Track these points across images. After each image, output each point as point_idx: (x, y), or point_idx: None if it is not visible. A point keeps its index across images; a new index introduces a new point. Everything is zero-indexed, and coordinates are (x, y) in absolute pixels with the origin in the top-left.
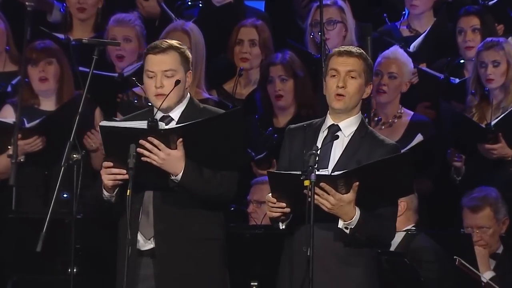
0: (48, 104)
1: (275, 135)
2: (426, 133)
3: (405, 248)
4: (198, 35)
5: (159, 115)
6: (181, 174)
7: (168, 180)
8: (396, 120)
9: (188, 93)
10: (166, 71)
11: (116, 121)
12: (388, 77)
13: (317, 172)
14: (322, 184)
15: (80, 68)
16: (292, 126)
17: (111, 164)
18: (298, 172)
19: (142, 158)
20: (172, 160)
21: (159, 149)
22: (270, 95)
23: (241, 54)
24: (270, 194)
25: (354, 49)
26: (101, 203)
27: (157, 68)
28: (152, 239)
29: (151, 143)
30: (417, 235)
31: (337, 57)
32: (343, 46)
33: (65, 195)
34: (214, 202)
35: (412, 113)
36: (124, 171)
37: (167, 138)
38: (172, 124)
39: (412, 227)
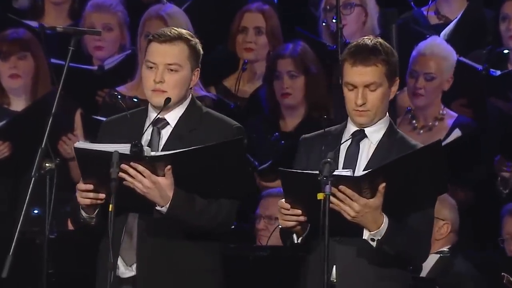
0: (20, 104)
1: (282, 142)
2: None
3: (438, 273)
4: (181, 21)
5: (153, 115)
6: (168, 205)
7: (154, 210)
8: (437, 123)
9: (191, 94)
10: (170, 64)
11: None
12: (425, 80)
13: (336, 172)
14: (342, 187)
15: (52, 61)
16: (307, 135)
17: (90, 187)
18: (316, 172)
19: (124, 182)
20: (158, 189)
21: (144, 176)
22: (276, 92)
23: (244, 44)
24: (283, 199)
25: (370, 47)
26: (78, 224)
27: (160, 59)
28: (133, 265)
29: (135, 169)
30: (453, 258)
31: (351, 67)
32: (356, 45)
33: (36, 211)
34: (207, 233)
35: (456, 115)
36: (103, 195)
37: (154, 164)
38: (168, 130)
39: (447, 248)
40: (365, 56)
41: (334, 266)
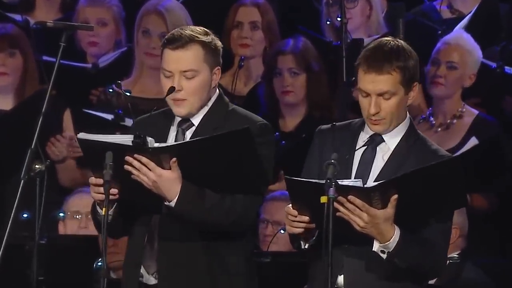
0: (6, 102)
1: (283, 142)
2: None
3: (447, 280)
4: (180, 16)
5: (179, 117)
6: (175, 199)
7: (163, 206)
8: (455, 121)
9: (217, 90)
10: (185, 71)
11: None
12: (447, 68)
13: (346, 182)
14: (351, 197)
15: (44, 58)
16: (324, 126)
17: (101, 181)
18: (322, 181)
19: (132, 176)
20: (164, 182)
21: (149, 169)
22: (276, 90)
23: (240, 39)
24: (290, 205)
25: (385, 54)
26: (97, 222)
27: (174, 67)
28: (155, 274)
29: (139, 161)
30: (463, 264)
31: (364, 74)
32: (372, 48)
33: (25, 215)
34: (223, 231)
35: (476, 112)
36: (115, 191)
37: (158, 156)
38: (192, 130)
39: (456, 254)
40: (379, 63)
41: (342, 275)
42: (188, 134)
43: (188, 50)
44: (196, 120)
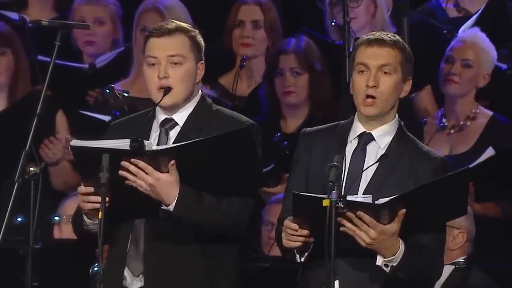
0: None
1: (285, 143)
2: (508, 141)
3: (453, 286)
4: (179, 13)
5: (161, 116)
6: (174, 203)
7: (159, 210)
8: (468, 123)
9: (200, 90)
10: (172, 56)
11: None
12: (461, 65)
13: (360, 199)
14: (360, 213)
15: (40, 58)
16: (309, 129)
17: (91, 189)
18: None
19: (126, 182)
20: (162, 186)
21: (146, 173)
22: (277, 91)
23: (241, 39)
24: (290, 218)
25: (388, 35)
26: (81, 232)
27: (160, 53)
28: (141, 276)
29: (136, 165)
30: (468, 269)
31: (366, 48)
32: (372, 33)
33: (19, 219)
34: (219, 234)
35: (491, 113)
36: (106, 199)
37: (156, 160)
38: (176, 130)
39: (463, 259)
40: (381, 39)
41: (337, 281)
42: (172, 134)
43: (174, 37)
44: (179, 119)
